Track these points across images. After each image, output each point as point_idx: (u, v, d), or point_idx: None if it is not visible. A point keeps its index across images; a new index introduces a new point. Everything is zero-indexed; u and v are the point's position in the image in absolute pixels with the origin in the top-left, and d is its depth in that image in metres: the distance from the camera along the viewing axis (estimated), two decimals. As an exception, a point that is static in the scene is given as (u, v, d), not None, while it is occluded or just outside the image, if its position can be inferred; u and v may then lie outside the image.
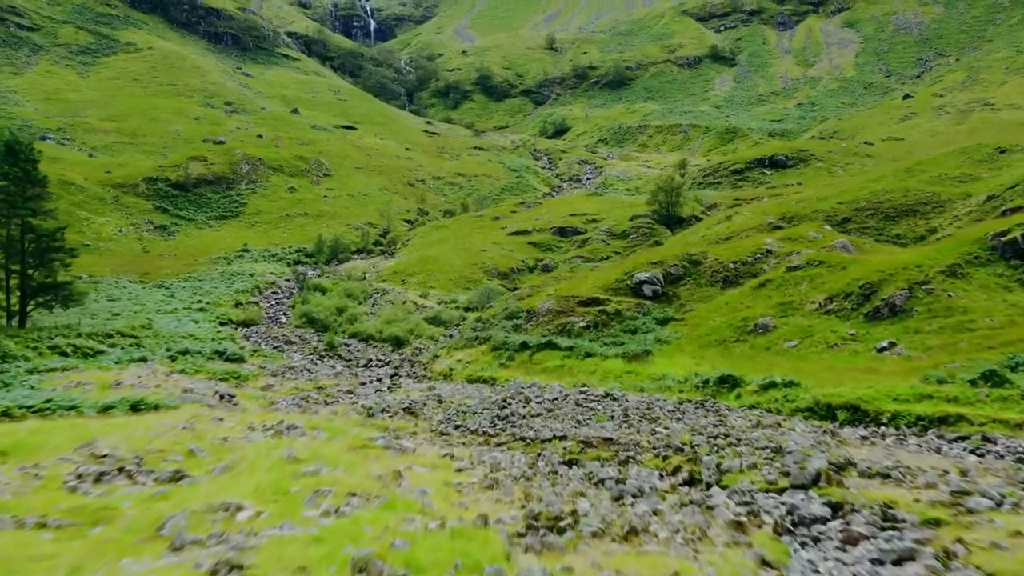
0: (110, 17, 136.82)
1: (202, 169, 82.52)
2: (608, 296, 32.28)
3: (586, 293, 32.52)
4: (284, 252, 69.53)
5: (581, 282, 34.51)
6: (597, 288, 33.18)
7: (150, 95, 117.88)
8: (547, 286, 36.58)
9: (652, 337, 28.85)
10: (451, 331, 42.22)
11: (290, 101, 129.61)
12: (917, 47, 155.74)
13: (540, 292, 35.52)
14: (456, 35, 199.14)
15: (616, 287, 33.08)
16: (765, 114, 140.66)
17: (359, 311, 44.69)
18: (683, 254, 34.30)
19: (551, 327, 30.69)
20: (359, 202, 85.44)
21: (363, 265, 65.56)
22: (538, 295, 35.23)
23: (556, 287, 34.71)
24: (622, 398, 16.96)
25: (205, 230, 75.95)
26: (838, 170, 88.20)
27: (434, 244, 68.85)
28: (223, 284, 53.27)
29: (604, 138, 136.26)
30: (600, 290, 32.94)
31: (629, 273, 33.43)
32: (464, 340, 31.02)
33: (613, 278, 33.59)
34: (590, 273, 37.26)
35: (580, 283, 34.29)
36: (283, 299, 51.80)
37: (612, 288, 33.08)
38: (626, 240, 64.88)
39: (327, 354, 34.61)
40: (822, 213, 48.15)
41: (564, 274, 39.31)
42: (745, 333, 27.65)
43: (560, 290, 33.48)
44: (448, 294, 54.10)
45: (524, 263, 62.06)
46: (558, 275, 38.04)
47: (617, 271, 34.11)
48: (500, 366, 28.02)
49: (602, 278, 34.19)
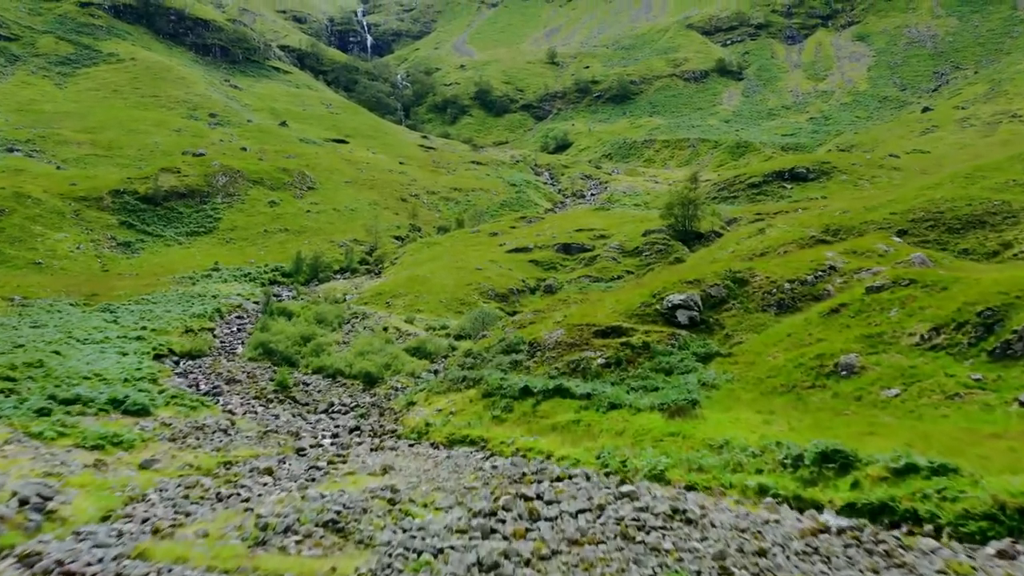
0: (93, 28, 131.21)
1: (174, 181, 75.86)
2: (633, 324, 25.32)
3: (604, 320, 25.55)
4: (259, 271, 62.66)
5: (597, 306, 27.53)
6: (618, 314, 26.21)
7: (130, 107, 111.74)
8: (554, 311, 29.59)
9: (695, 380, 21.85)
10: (437, 364, 35.18)
11: (279, 114, 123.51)
12: (932, 60, 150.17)
13: (546, 318, 28.53)
14: (455, 50, 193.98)
15: (642, 313, 26.10)
16: (776, 128, 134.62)
17: (329, 340, 37.66)
18: (726, 272, 27.32)
19: (561, 365, 23.68)
20: (345, 217, 78.67)
21: (344, 286, 58.62)
22: (543, 322, 28.26)
23: (566, 312, 27.72)
24: (701, 519, 9.92)
25: (174, 247, 69.10)
26: (864, 183, 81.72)
27: (425, 262, 61.96)
28: (178, 307, 46.28)
29: (608, 153, 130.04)
30: (622, 317, 25.97)
31: (658, 295, 26.45)
32: (448, 381, 23.99)
33: (638, 302, 26.60)
34: (606, 295, 30.26)
35: (596, 308, 27.30)
36: (247, 325, 44.77)
37: (637, 314, 26.10)
38: (639, 258, 58.01)
39: (277, 397, 27.56)
40: (873, 224, 41.33)
41: (573, 296, 32.30)
42: (822, 376, 20.63)
43: (571, 316, 26.49)
44: (437, 319, 47.15)
45: (525, 283, 55.14)
46: (566, 297, 31.01)
47: (642, 293, 27.15)
48: (493, 419, 20.96)
49: (623, 302, 27.21)
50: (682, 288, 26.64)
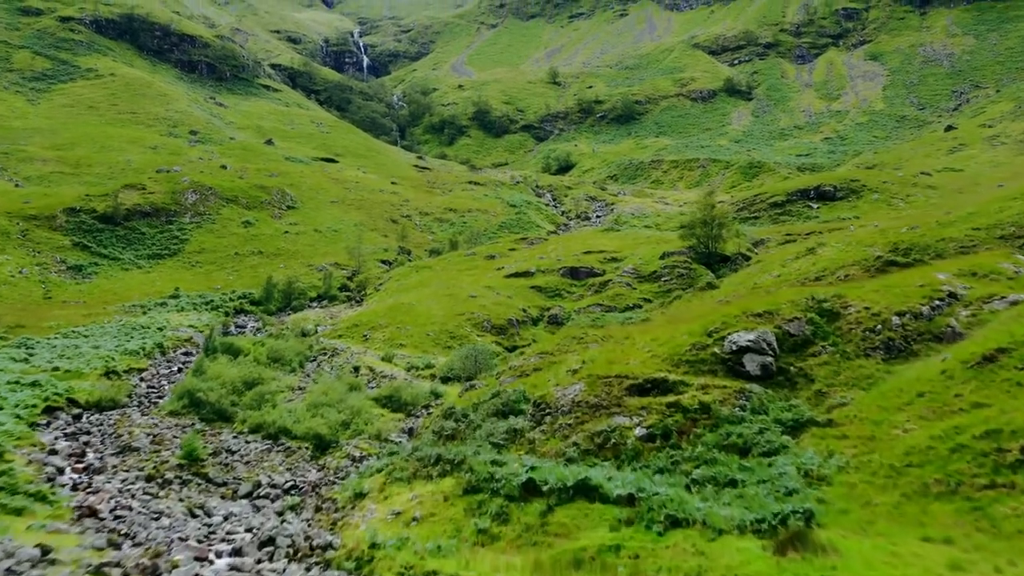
0: (72, 43, 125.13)
1: (137, 199, 68.54)
2: (682, 375, 17.71)
3: (641, 370, 17.90)
4: (224, 299, 55.06)
5: (626, 348, 19.89)
6: (658, 360, 18.57)
7: (105, 123, 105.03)
8: (566, 352, 21.95)
9: (792, 468, 14.25)
10: (413, 419, 27.44)
11: (265, 132, 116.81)
12: (950, 79, 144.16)
13: (556, 363, 20.88)
14: (453, 71, 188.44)
15: (693, 358, 18.46)
16: (790, 148, 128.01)
17: (281, 385, 29.93)
18: (808, 300, 19.68)
19: (581, 438, 16.00)
20: (327, 239, 71.24)
21: (317, 315, 50.98)
22: (552, 369, 20.59)
23: (584, 356, 20.04)
24: None
25: (132, 271, 61.56)
26: (898, 202, 74.57)
27: (412, 288, 54.39)
28: (112, 342, 38.61)
29: (613, 174, 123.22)
30: (665, 364, 18.32)
31: (715, 333, 18.80)
32: (417, 461, 16.29)
33: (686, 342, 18.96)
34: (635, 331, 22.56)
35: (625, 350, 19.65)
36: (193, 363, 37.05)
37: (686, 360, 18.46)
38: (658, 283, 50.46)
39: (181, 476, 19.83)
40: (953, 242, 33.81)
41: (588, 331, 24.56)
42: (1003, 468, 12.96)
43: (593, 363, 18.84)
44: (422, 356, 39.46)
45: (526, 313, 47.53)
46: (581, 334, 23.30)
47: (690, 330, 19.50)
48: (478, 534, 13.24)
49: (664, 342, 19.57)
50: (747, 323, 18.99)
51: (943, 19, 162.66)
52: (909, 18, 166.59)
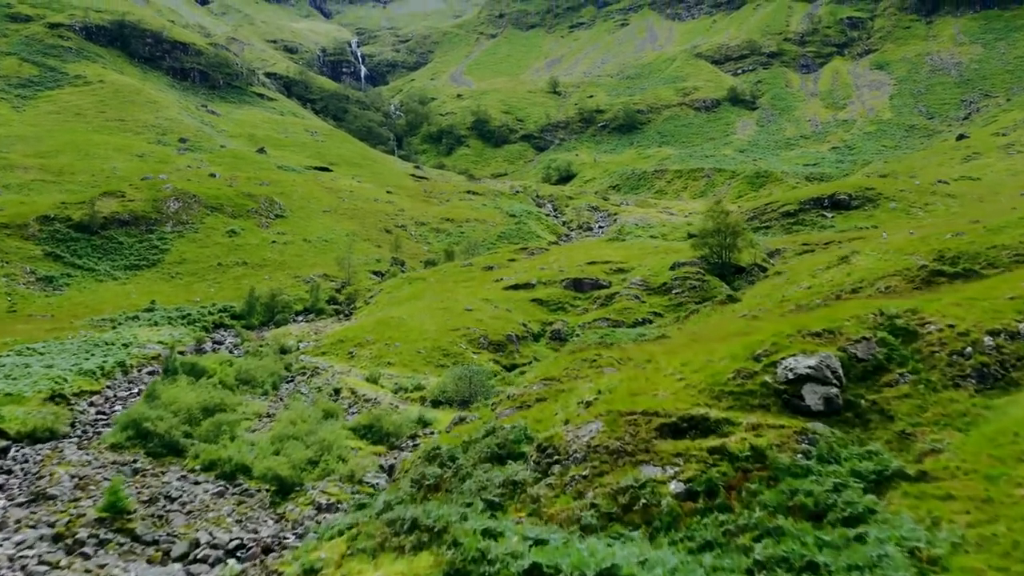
0: (61, 49, 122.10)
1: (116, 207, 64.99)
2: (725, 411, 14.02)
3: (674, 404, 14.21)
4: (202, 312, 51.33)
5: (651, 375, 16.19)
6: (694, 391, 14.90)
7: (92, 131, 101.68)
8: (575, 378, 18.23)
9: (891, 546, 10.48)
10: (399, 450, 23.70)
11: (258, 140, 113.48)
12: (958, 88, 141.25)
13: (564, 392, 17.17)
14: (452, 81, 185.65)
15: (737, 389, 14.76)
16: (797, 158, 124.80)
17: (248, 412, 26.17)
18: (876, 316, 15.99)
19: (600, 497, 12.29)
20: (316, 249, 67.59)
21: (301, 330, 47.25)
22: (560, 399, 16.89)
23: (599, 384, 16.32)
24: None
25: (107, 283, 57.89)
26: (917, 211, 71.13)
27: (404, 302, 50.69)
28: (68, 361, 34.87)
29: (616, 184, 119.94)
30: (703, 395, 14.64)
31: (763, 357, 15.11)
32: (386, 525, 12.56)
33: (727, 368, 15.30)
34: (658, 351, 18.81)
35: (651, 377, 15.94)
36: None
37: (727, 389, 14.76)
38: (668, 296, 46.77)
39: (99, 534, 16.08)
40: (1006, 250, 30.16)
41: (603, 353, 20.76)
42: None
43: (612, 396, 15.14)
44: (411, 375, 35.72)
45: (526, 328, 43.81)
46: (593, 356, 19.51)
47: (732, 352, 15.83)
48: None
49: (699, 367, 15.91)
50: (802, 344, 15.29)
51: (950, 28, 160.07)
52: (915, 27, 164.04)
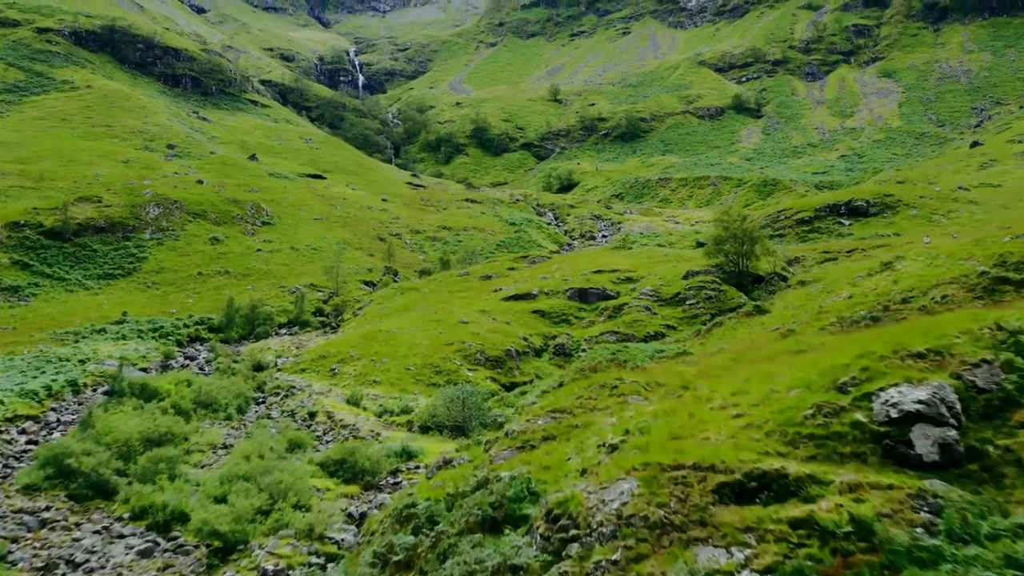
0: (49, 54, 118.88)
1: (91, 212, 61.26)
2: (805, 463, 10.01)
3: (733, 454, 10.25)
4: (177, 325, 47.47)
5: (695, 408, 12.23)
6: (756, 431, 10.94)
7: (77, 136, 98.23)
8: (592, 410, 14.35)
9: None
10: (376, 490, 19.80)
11: (250, 147, 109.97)
12: (969, 96, 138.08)
13: (579, 428, 13.27)
14: (451, 89, 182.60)
15: (818, 430, 10.81)
16: (805, 166, 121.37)
17: (202, 443, 22.26)
18: (992, 330, 12.10)
19: (639, 598, 8.32)
20: (305, 258, 63.78)
21: (282, 344, 43.35)
22: (574, 438, 12.99)
23: (625, 418, 12.40)
24: None
25: (78, 293, 54.05)
26: (940, 218, 67.46)
27: (394, 313, 46.82)
28: (14, 379, 31.00)
29: (619, 193, 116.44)
30: (770, 439, 10.70)
31: (851, 387, 11.17)
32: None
33: (802, 401, 11.34)
34: (692, 371, 14.92)
35: (695, 411, 11.97)
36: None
37: (804, 431, 10.78)
38: (682, 307, 42.91)
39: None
40: (1078, 254, 26.43)
41: (625, 376, 16.80)
42: None
43: (647, 436, 11.17)
44: (399, 396, 31.81)
45: (527, 342, 39.93)
46: (614, 379, 15.57)
47: (808, 379, 11.86)
48: None
49: (762, 398, 11.95)
50: (903, 370, 11.38)
51: (958, 35, 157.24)
52: (923, 35, 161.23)
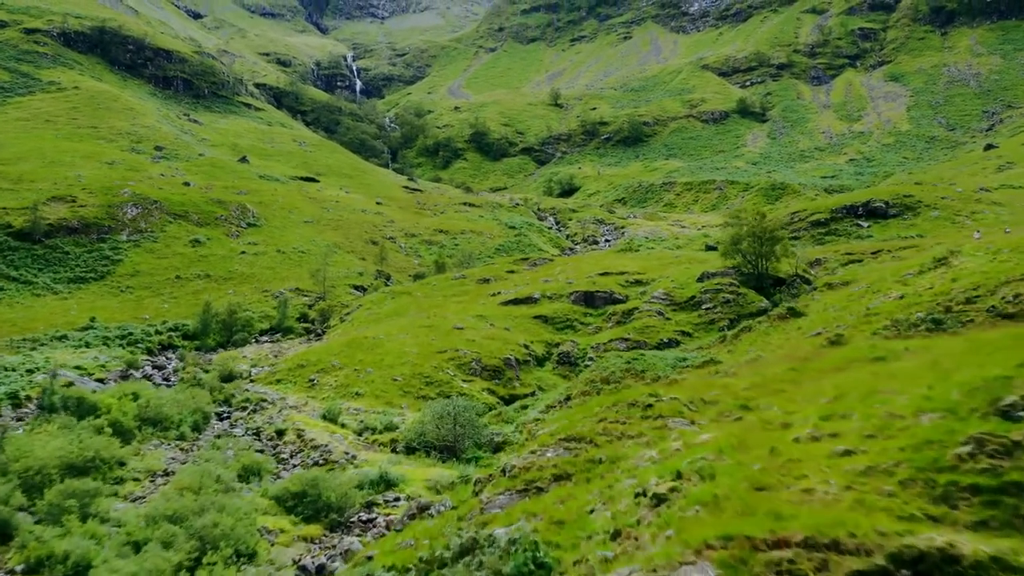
0: (36, 55, 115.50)
1: (64, 212, 57.63)
2: (974, 532, 6.09)
3: (867, 522, 6.40)
4: (150, 331, 43.69)
5: (777, 442, 8.38)
6: (888, 480, 7.01)
7: (61, 137, 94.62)
8: (619, 434, 10.60)
9: None
10: (343, 531, 16.02)
11: (242, 150, 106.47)
12: (979, 99, 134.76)
13: (602, 465, 9.53)
14: (450, 94, 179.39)
15: (983, 480, 6.90)
16: (814, 170, 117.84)
17: (138, 469, 18.46)
18: None
19: None
20: (291, 261, 60.08)
21: (259, 352, 39.55)
22: (596, 476, 9.19)
23: (669, 452, 8.64)
24: None
25: (45, 297, 50.28)
26: (963, 219, 63.71)
27: (383, 319, 43.06)
28: (-56, 390, 27.23)
29: (621, 197, 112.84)
30: (908, 492, 6.82)
31: (1023, 411, 7.25)
32: None
33: (949, 432, 7.52)
34: (741, 385, 11.20)
35: (778, 447, 8.14)
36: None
37: (964, 482, 6.92)
38: (697, 312, 39.15)
39: None
40: None
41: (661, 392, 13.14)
42: None
43: (718, 490, 7.39)
44: (383, 411, 28.00)
45: (528, 350, 36.12)
46: (648, 398, 11.83)
47: (949, 398, 8.01)
48: None
49: (877, 423, 8.10)
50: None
51: (966, 39, 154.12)
52: (930, 38, 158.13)
